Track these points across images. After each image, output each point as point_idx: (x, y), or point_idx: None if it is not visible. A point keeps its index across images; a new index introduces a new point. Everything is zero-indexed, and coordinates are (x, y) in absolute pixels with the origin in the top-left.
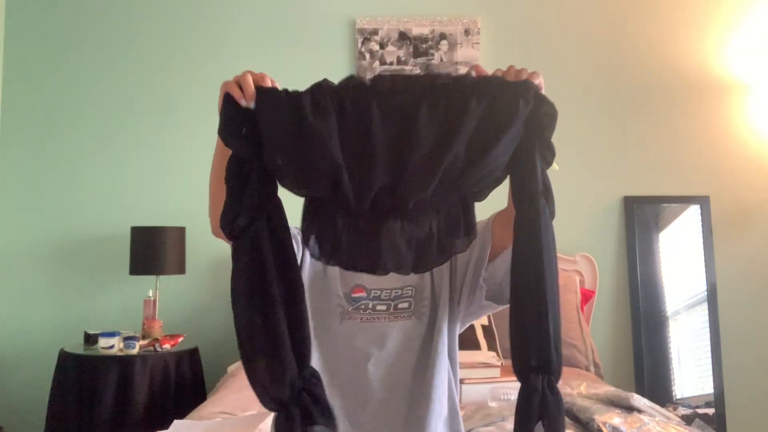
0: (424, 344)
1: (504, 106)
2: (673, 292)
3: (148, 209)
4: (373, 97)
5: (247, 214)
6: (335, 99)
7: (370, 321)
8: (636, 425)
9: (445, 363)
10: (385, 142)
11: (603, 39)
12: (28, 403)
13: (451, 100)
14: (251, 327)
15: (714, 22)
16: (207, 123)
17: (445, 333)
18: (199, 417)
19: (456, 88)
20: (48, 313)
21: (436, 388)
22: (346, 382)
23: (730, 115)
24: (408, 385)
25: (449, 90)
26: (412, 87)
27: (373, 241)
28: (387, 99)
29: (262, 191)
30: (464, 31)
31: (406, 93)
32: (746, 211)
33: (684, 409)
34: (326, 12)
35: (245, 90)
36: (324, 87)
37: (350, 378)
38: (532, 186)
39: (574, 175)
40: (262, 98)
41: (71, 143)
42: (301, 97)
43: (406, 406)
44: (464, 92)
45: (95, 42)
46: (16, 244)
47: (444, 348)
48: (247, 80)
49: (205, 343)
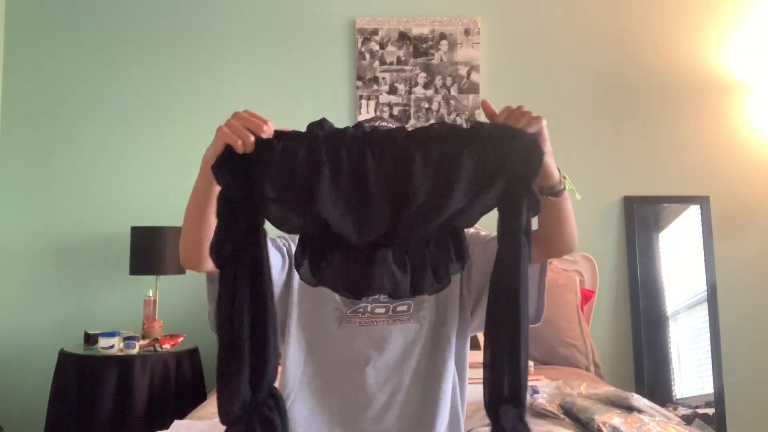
0: (426, 349)
1: (496, 157)
2: (673, 292)
3: (148, 209)
4: (367, 148)
5: (232, 246)
6: (330, 150)
7: (368, 324)
8: (636, 425)
9: (450, 370)
10: (381, 193)
11: (603, 39)
12: (28, 403)
13: (444, 153)
14: (220, 345)
15: (714, 22)
16: (207, 123)
17: (453, 341)
18: (199, 417)
19: (449, 140)
20: (48, 313)
21: (438, 394)
22: (346, 385)
23: (730, 115)
24: (409, 389)
25: (442, 141)
26: (406, 138)
27: (367, 267)
28: (381, 150)
29: (248, 227)
30: (464, 31)
31: (399, 144)
32: (746, 211)
33: (684, 409)
34: (326, 12)
35: (245, 143)
36: (320, 139)
37: (349, 382)
38: (514, 223)
39: (574, 175)
40: (260, 149)
41: (71, 143)
42: (297, 152)
43: (406, 411)
44: (457, 144)
45: (95, 42)
46: (16, 244)
47: (450, 355)
48: (244, 134)
49: (205, 343)
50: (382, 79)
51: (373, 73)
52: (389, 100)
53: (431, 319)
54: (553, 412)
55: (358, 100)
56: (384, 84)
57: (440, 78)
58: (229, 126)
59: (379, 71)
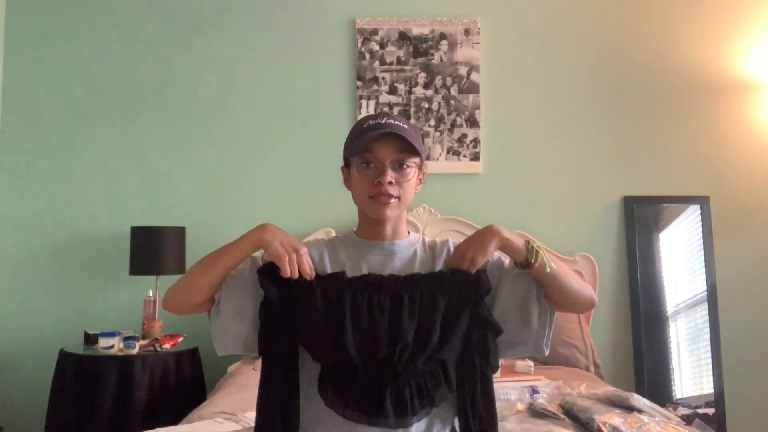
0: None
1: (462, 296)
2: (673, 292)
3: (148, 209)
4: (376, 293)
5: (272, 341)
6: (349, 294)
7: None
8: (636, 425)
9: None
10: (384, 327)
11: (603, 39)
12: (28, 403)
13: (424, 295)
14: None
15: (713, 21)
16: (207, 123)
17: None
18: (199, 417)
19: (427, 284)
20: (48, 313)
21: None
22: None
23: (730, 115)
24: None
25: (422, 285)
26: (399, 283)
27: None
28: (380, 294)
29: (283, 328)
30: (464, 31)
31: (394, 288)
32: (746, 211)
33: (684, 409)
34: (326, 12)
35: (292, 275)
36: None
37: None
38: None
39: (574, 175)
40: (299, 284)
41: (71, 143)
42: (322, 294)
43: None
44: (433, 287)
45: (96, 41)
46: (16, 244)
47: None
48: (294, 270)
49: (205, 343)
50: (382, 79)
51: (373, 73)
52: (389, 100)
53: None
54: (553, 412)
55: (358, 100)
56: (384, 84)
57: (440, 78)
58: (287, 253)
59: (379, 71)
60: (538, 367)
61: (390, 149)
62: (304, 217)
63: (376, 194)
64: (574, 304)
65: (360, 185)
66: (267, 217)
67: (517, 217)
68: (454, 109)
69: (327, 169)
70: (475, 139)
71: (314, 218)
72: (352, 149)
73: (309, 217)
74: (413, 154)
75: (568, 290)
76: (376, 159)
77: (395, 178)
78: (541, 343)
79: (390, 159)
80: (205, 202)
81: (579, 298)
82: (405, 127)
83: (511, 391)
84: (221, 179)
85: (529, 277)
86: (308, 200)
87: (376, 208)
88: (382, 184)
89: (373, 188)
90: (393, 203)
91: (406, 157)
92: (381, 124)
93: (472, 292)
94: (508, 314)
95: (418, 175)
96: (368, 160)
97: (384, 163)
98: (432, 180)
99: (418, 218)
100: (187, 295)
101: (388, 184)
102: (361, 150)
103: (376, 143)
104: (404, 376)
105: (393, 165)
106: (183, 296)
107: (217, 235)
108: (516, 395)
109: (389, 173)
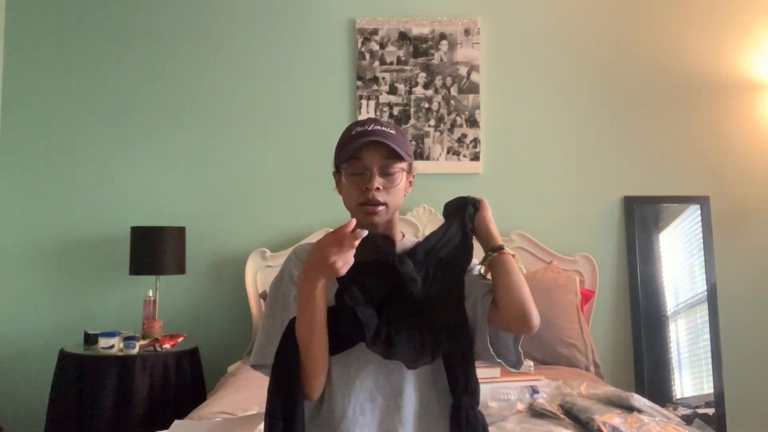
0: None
1: (455, 208)
2: (673, 292)
3: (148, 209)
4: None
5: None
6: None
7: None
8: (636, 425)
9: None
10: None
11: (602, 39)
12: (28, 403)
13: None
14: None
15: (712, 22)
16: (207, 123)
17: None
18: (199, 417)
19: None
20: (48, 313)
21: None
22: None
23: (730, 115)
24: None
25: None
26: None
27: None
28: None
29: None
30: (464, 31)
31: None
32: (746, 211)
33: (684, 409)
34: (326, 12)
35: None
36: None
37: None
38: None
39: (574, 175)
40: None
41: (71, 143)
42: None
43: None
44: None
45: (95, 42)
46: (16, 244)
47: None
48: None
49: (205, 343)
50: (382, 79)
51: (373, 73)
52: (389, 100)
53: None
54: (553, 412)
55: (358, 100)
56: (384, 84)
57: (440, 78)
58: (328, 264)
59: (379, 71)
60: (537, 367)
61: (377, 156)
62: (303, 218)
63: (365, 202)
64: (516, 312)
65: (349, 192)
66: (267, 217)
67: (517, 217)
68: (454, 109)
69: (327, 169)
70: (475, 139)
71: (314, 218)
72: (341, 157)
73: (309, 217)
74: (400, 160)
75: (519, 292)
76: (364, 166)
77: (383, 184)
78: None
79: (377, 165)
80: (205, 202)
81: (525, 306)
82: (392, 133)
83: (511, 391)
84: (221, 179)
85: (489, 297)
86: (308, 200)
87: (365, 216)
88: (370, 191)
89: (361, 195)
90: (381, 210)
91: (393, 163)
92: (368, 131)
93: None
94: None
95: (407, 179)
96: (356, 167)
97: (371, 170)
98: (432, 180)
99: (418, 218)
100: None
101: (375, 190)
102: (349, 157)
103: (363, 150)
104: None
105: (380, 171)
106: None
107: (217, 235)
108: (516, 395)
109: (376, 179)
